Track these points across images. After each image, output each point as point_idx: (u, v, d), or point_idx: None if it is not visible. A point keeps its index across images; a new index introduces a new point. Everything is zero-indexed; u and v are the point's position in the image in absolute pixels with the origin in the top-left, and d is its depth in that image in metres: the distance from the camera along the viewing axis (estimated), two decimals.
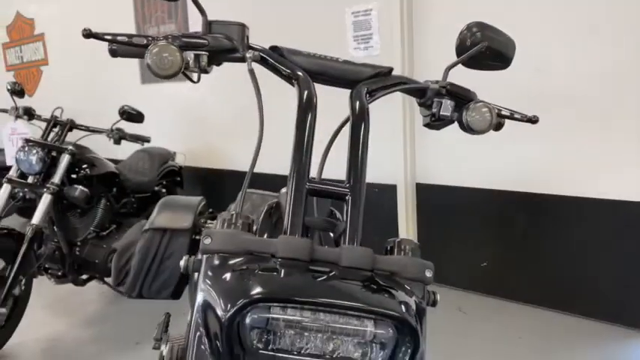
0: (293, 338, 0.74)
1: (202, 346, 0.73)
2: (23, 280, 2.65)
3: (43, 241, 2.90)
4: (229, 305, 0.71)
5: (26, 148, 2.69)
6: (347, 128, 0.92)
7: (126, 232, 3.32)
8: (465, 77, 1.15)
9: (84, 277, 3.15)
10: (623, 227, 2.56)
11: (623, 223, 2.56)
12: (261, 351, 0.73)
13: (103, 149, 3.31)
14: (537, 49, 2.64)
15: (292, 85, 0.96)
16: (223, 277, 0.75)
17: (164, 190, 3.81)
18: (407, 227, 3.26)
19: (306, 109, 0.90)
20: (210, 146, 4.38)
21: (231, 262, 0.76)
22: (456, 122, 1.06)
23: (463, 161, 3.05)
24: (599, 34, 2.51)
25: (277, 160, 1.81)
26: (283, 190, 1.11)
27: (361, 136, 0.89)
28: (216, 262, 0.77)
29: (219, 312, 0.71)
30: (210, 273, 0.76)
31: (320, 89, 0.96)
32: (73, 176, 2.95)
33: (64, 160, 2.77)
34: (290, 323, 0.73)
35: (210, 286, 0.75)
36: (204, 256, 0.79)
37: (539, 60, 2.68)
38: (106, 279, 3.28)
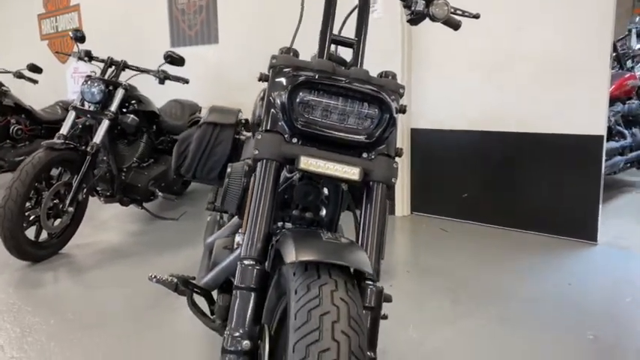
0: (321, 112, 1.31)
1: (275, 115, 1.30)
2: (85, 189, 3.24)
3: (96, 164, 3.48)
4: (287, 88, 1.27)
5: (89, 82, 3.27)
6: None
7: (162, 165, 3.94)
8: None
9: (127, 198, 3.75)
10: (577, 156, 3.13)
11: (579, 152, 3.12)
12: (304, 116, 1.29)
13: None
14: (514, 16, 3.22)
15: None
16: (283, 77, 1.32)
17: None
18: (402, 166, 3.83)
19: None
20: (230, 102, 4.93)
21: (286, 70, 1.33)
22: (427, 18, 1.62)
23: (449, 108, 3.63)
24: (562, 7, 3.07)
25: None
26: None
27: (364, 13, 1.45)
28: (278, 71, 1.34)
29: (282, 93, 1.28)
30: (276, 77, 1.34)
31: None
32: (124, 110, 3.55)
33: (119, 93, 3.36)
34: (320, 102, 1.30)
35: (276, 82, 1.32)
36: (271, 69, 1.36)
37: (517, 23, 3.25)
38: (144, 204, 3.89)
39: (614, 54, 4.73)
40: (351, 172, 1.26)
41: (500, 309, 2.34)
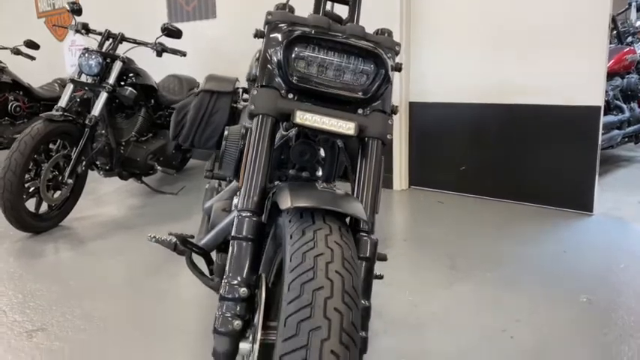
0: (317, 68, 1.31)
1: (270, 70, 1.30)
2: (84, 162, 3.25)
3: (95, 138, 3.48)
4: (282, 43, 1.28)
5: (86, 54, 3.26)
6: None
7: (160, 140, 3.95)
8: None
9: (126, 172, 3.77)
10: (575, 127, 3.14)
11: (576, 123, 3.13)
12: (299, 71, 1.30)
13: None
14: None
15: None
16: (278, 32, 1.32)
17: None
18: (400, 140, 3.84)
19: None
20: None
21: (281, 25, 1.34)
22: None
23: (448, 81, 3.62)
24: None
25: None
26: None
27: None
28: (274, 26, 1.35)
29: (278, 49, 1.29)
30: (271, 32, 1.34)
31: None
32: (122, 83, 3.54)
33: (117, 65, 3.36)
34: (316, 57, 1.30)
35: (271, 37, 1.33)
36: (267, 25, 1.36)
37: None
38: (143, 178, 3.91)
39: (615, 32, 4.72)
40: (346, 127, 1.27)
41: (496, 274, 2.37)
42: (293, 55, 1.30)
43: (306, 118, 1.26)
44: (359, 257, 1.19)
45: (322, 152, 1.51)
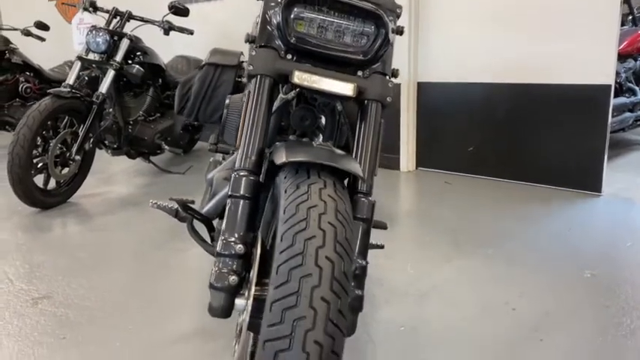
0: (317, 29, 1.30)
1: (270, 31, 1.30)
2: (92, 139, 3.27)
3: (103, 116, 3.50)
4: (281, 3, 1.27)
5: (94, 32, 3.27)
6: None
7: (168, 120, 3.96)
8: None
9: (134, 151, 3.79)
10: (584, 106, 3.10)
11: (586, 102, 3.09)
12: (298, 32, 1.29)
13: None
14: None
15: None
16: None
17: None
18: (407, 121, 3.81)
19: None
20: None
21: None
22: None
23: (456, 61, 3.58)
24: None
25: None
26: None
27: None
28: None
29: (277, 9, 1.28)
30: (269, 1, 1.33)
31: None
32: (129, 62, 3.55)
33: (124, 43, 3.37)
34: (315, 18, 1.29)
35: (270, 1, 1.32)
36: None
37: None
38: (151, 158, 3.93)
39: (631, 17, 4.64)
40: (345, 88, 1.27)
41: (499, 251, 2.36)
42: (292, 16, 1.29)
43: (305, 78, 1.26)
44: (356, 218, 1.19)
45: (323, 120, 1.50)
